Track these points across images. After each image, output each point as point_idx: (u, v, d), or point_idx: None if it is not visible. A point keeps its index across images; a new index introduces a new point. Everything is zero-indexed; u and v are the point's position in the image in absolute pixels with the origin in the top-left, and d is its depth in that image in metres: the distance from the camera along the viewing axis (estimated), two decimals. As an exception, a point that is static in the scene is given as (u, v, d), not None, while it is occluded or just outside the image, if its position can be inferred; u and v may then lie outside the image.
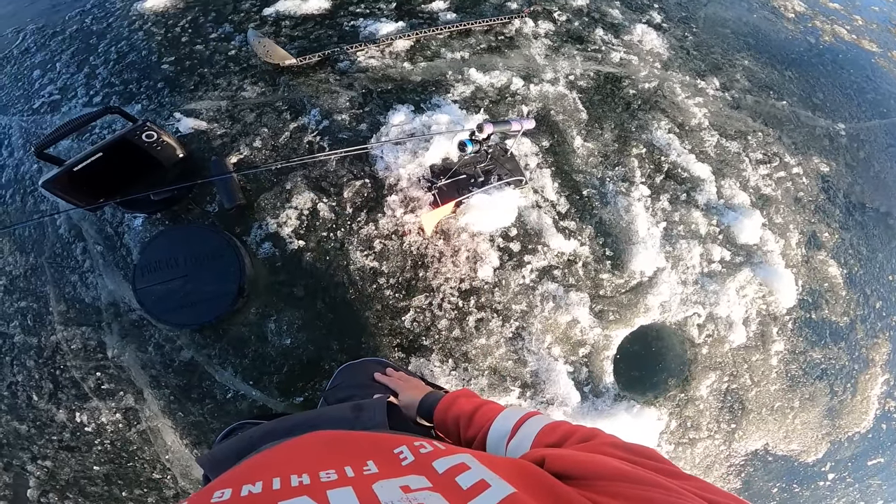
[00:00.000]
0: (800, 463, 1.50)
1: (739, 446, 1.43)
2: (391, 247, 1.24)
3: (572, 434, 0.42)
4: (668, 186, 1.37)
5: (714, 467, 1.43)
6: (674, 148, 1.39)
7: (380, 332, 1.24)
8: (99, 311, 1.33)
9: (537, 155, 1.33)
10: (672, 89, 1.52)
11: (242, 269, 1.19)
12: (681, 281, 1.31)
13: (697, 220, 1.35)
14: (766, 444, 1.46)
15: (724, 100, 1.56)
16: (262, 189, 1.28)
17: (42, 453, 1.32)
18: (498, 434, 0.49)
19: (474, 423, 0.53)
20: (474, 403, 0.56)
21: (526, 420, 0.48)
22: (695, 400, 1.36)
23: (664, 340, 1.34)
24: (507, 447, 0.47)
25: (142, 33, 1.49)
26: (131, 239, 1.32)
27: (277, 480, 0.25)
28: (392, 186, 1.26)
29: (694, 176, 1.39)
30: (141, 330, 1.31)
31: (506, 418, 0.50)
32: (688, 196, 1.37)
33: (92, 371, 1.32)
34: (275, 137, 1.31)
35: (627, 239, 1.28)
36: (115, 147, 1.08)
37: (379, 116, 1.33)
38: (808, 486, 1.53)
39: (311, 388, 1.25)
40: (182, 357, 1.29)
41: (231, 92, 1.36)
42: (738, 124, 1.52)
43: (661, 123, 1.43)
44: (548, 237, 1.25)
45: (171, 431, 1.30)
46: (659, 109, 1.46)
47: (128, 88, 1.40)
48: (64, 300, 1.35)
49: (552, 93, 1.41)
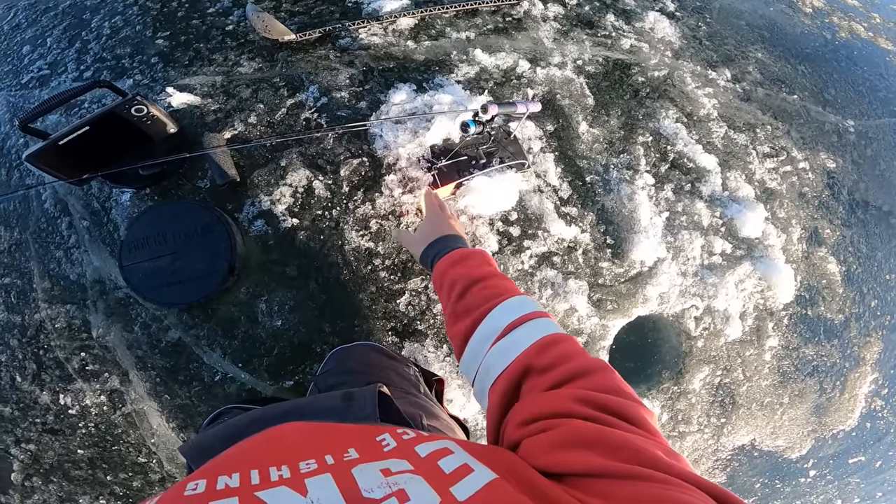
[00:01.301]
0: (784, 459, 1.45)
1: (727, 441, 1.37)
2: (388, 227, 1.15)
3: (562, 363, 0.34)
4: (673, 176, 1.28)
5: (701, 461, 1.37)
6: (681, 137, 1.31)
7: (374, 315, 1.15)
8: (84, 289, 1.23)
9: (541, 139, 1.24)
10: (682, 78, 1.42)
11: (233, 246, 1.09)
12: (681, 272, 1.23)
13: (700, 211, 1.27)
14: (753, 439, 1.40)
15: (735, 91, 1.47)
16: (255, 165, 1.18)
17: (25, 436, 1.23)
18: (488, 330, 0.40)
19: (473, 294, 0.43)
20: (486, 270, 0.45)
21: (525, 322, 0.39)
22: (687, 393, 1.30)
23: (660, 332, 1.27)
24: (490, 350, 0.39)
25: (137, 8, 1.36)
26: (118, 214, 1.22)
27: (256, 473, 0.23)
28: (391, 166, 1.16)
29: (699, 167, 1.30)
30: (127, 308, 1.21)
31: (505, 311, 0.41)
32: (692, 186, 1.29)
33: (76, 351, 1.23)
34: (271, 113, 1.20)
35: (629, 228, 1.20)
36: (103, 121, 0.98)
37: (379, 95, 1.23)
38: (790, 482, 1.49)
39: (301, 372, 1.17)
40: (169, 337, 1.20)
41: (227, 67, 1.25)
42: (748, 116, 1.44)
43: (669, 112, 1.34)
44: (548, 223, 1.16)
45: (157, 414, 1.21)
46: (668, 98, 1.37)
47: (120, 63, 1.29)
48: (48, 277, 1.25)
49: (559, 77, 1.31)
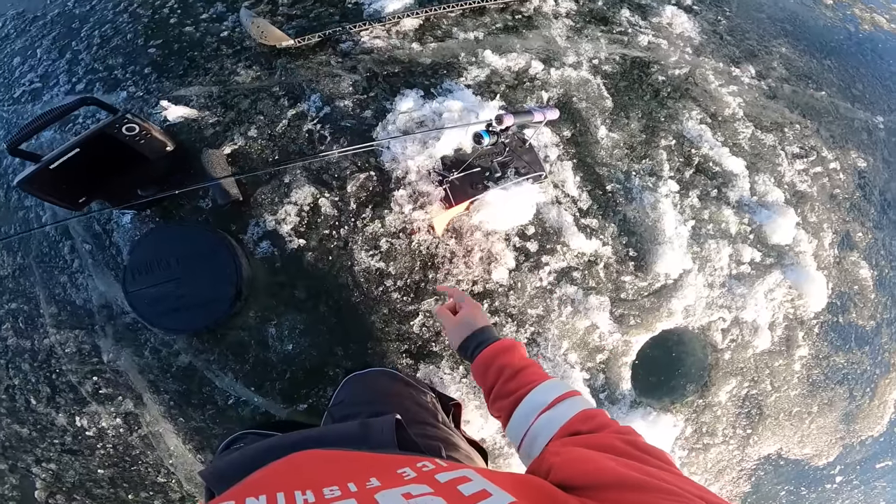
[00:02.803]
0: (810, 466, 1.34)
1: (753, 451, 1.26)
2: (399, 246, 1.03)
3: (605, 428, 0.39)
4: (698, 181, 1.14)
5: (725, 472, 1.26)
6: (705, 140, 1.16)
7: (387, 337, 1.04)
8: (91, 314, 1.13)
9: (558, 146, 1.10)
10: (705, 76, 1.26)
11: (239, 270, 0.98)
12: (707, 284, 1.10)
13: (728, 218, 1.13)
14: (779, 448, 1.29)
15: (760, 89, 1.31)
16: (258, 182, 1.05)
17: (45, 456, 1.15)
18: (535, 402, 0.46)
19: (518, 379, 0.49)
20: (525, 361, 0.52)
21: (567, 398, 0.45)
22: (713, 406, 1.18)
23: (685, 345, 1.15)
24: (539, 418, 0.44)
25: (127, 15, 1.23)
26: (120, 237, 1.11)
27: (282, 496, 0.23)
28: (399, 180, 1.03)
29: (726, 170, 1.15)
30: (136, 334, 1.11)
31: (548, 389, 0.47)
32: (719, 192, 1.14)
33: (88, 375, 1.14)
34: (271, 126, 1.07)
35: (653, 238, 1.07)
36: (95, 141, 0.86)
37: (385, 102, 1.09)
38: (816, 488, 1.37)
39: (315, 395, 1.07)
40: (180, 362, 1.10)
41: (223, 77, 1.11)
42: (775, 115, 1.27)
43: (692, 113, 1.18)
44: (568, 236, 1.03)
45: (174, 436, 1.12)
46: (690, 98, 1.21)
47: (112, 74, 1.16)
48: (54, 302, 1.15)
49: (574, 78, 1.16)
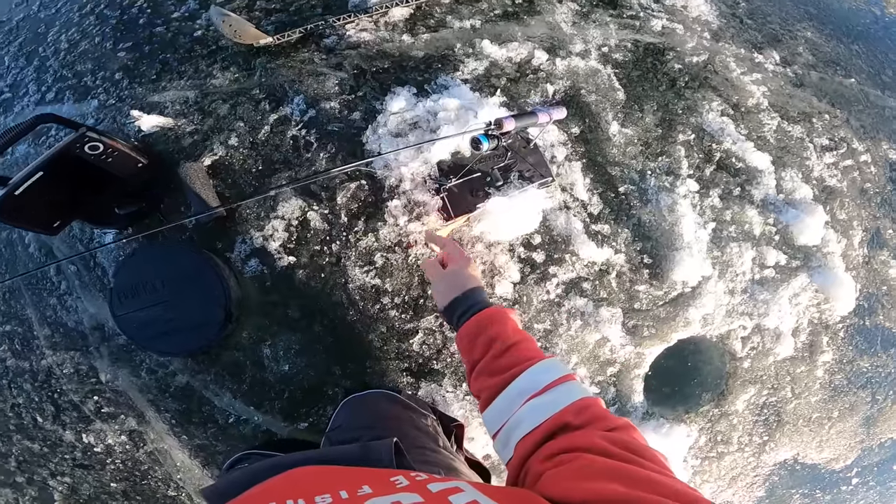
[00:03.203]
0: (827, 470, 1.27)
1: (769, 458, 1.19)
2: (395, 261, 0.94)
3: (598, 421, 0.35)
4: (720, 179, 1.02)
5: (739, 479, 1.20)
6: (728, 133, 1.03)
7: (386, 356, 0.97)
8: (84, 336, 1.08)
9: (566, 145, 0.98)
10: (725, 64, 1.11)
11: (227, 292, 0.91)
12: (728, 290, 1.00)
13: (752, 218, 1.02)
14: (796, 454, 1.22)
15: (786, 76, 1.16)
16: (242, 196, 0.96)
17: (59, 470, 1.14)
18: (524, 385, 0.41)
19: (508, 355, 0.44)
20: (519, 334, 0.46)
21: (561, 383, 0.40)
22: (729, 415, 1.11)
23: (702, 354, 1.06)
24: (525, 405, 0.40)
25: (93, 17, 1.11)
26: (105, 257, 1.04)
27: None
28: (393, 189, 0.94)
29: (750, 166, 1.03)
30: (131, 354, 1.06)
31: (542, 371, 0.42)
32: (742, 190, 1.02)
33: (89, 395, 1.10)
34: (253, 133, 0.97)
35: (669, 244, 0.96)
36: (57, 163, 0.77)
37: (375, 102, 0.98)
38: (831, 490, 1.31)
39: (315, 414, 1.02)
40: (177, 382, 1.05)
41: (199, 80, 1.00)
42: (802, 105, 1.13)
43: (712, 104, 1.05)
44: (577, 244, 0.94)
45: (180, 452, 1.09)
46: (710, 87, 1.07)
47: (82, 82, 1.05)
48: (47, 324, 1.10)
49: (582, 68, 1.03)
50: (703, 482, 1.17)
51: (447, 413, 0.98)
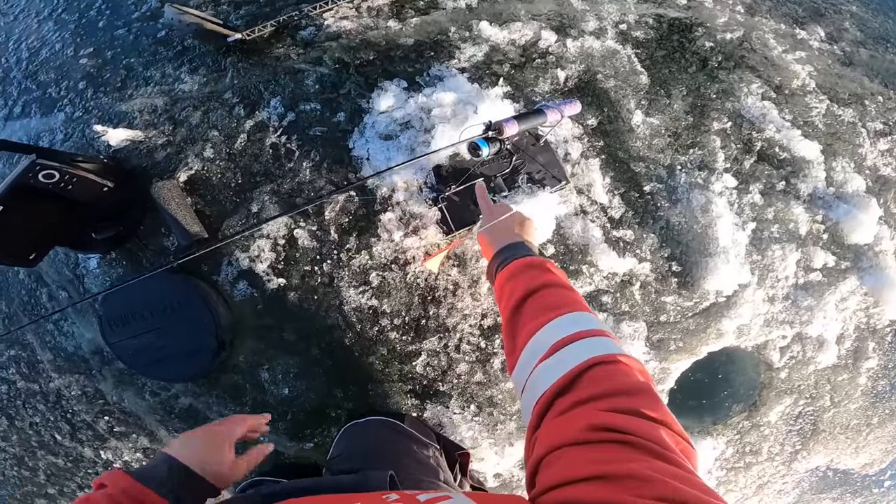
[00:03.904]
0: (859, 475, 1.16)
1: (800, 466, 1.08)
2: (392, 279, 0.83)
3: (610, 396, 0.28)
4: (761, 173, 0.85)
5: (767, 486, 1.10)
6: (770, 120, 0.85)
7: (388, 378, 0.88)
8: (86, 360, 1.03)
9: (581, 139, 0.82)
10: (763, 41, 0.91)
11: (216, 319, 0.82)
12: (767, 298, 0.86)
13: (798, 216, 0.85)
14: (830, 461, 1.10)
15: (833, 54, 0.95)
16: (223, 213, 0.85)
17: (86, 483, 1.13)
18: (538, 346, 0.35)
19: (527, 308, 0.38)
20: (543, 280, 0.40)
21: (576, 340, 0.33)
22: (760, 426, 0.99)
23: (735, 364, 0.94)
24: (537, 366, 0.34)
25: (52, 23, 0.97)
26: (92, 283, 0.96)
27: None
28: (386, 200, 0.81)
29: (796, 157, 0.85)
30: (133, 377, 1.00)
31: (556, 328, 0.35)
32: (787, 184, 0.85)
33: (99, 415, 1.06)
34: (229, 142, 0.84)
35: (702, 249, 0.81)
36: (15, 195, 0.67)
37: (360, 100, 0.83)
38: (862, 493, 1.20)
39: (319, 435, 0.95)
40: (181, 404, 0.99)
41: (167, 86, 0.87)
42: (853, 86, 0.93)
43: (751, 87, 0.86)
44: (596, 254, 0.80)
45: None
46: (747, 67, 0.88)
47: (47, 93, 0.94)
48: (48, 349, 1.05)
49: (598, 49, 0.85)
50: (728, 491, 1.07)
51: (455, 437, 0.90)
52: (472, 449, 0.90)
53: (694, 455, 0.26)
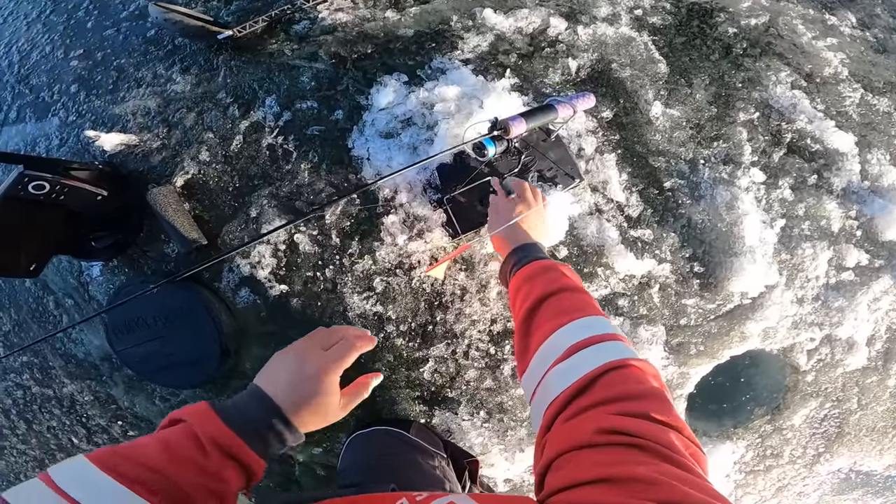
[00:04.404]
0: (882, 475, 1.08)
1: (822, 468, 1.01)
2: (397, 285, 0.77)
3: (621, 400, 0.28)
4: (791, 166, 0.77)
5: (786, 489, 1.04)
6: (801, 110, 0.76)
7: (395, 384, 0.83)
8: (96, 366, 1.01)
9: (595, 133, 0.75)
10: (791, 27, 0.82)
11: (219, 327, 0.79)
12: (796, 299, 0.78)
13: (830, 212, 0.77)
14: (853, 463, 1.03)
15: (865, 41, 0.85)
16: (222, 218, 0.81)
17: None
18: (551, 349, 0.34)
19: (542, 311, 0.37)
20: (559, 284, 0.38)
21: (592, 345, 0.32)
22: (783, 430, 0.92)
23: (759, 367, 0.87)
24: (550, 371, 0.33)
25: (41, 25, 0.93)
26: (96, 290, 0.93)
27: None
28: (388, 202, 0.75)
29: (829, 149, 0.77)
30: (142, 383, 0.98)
31: (571, 331, 0.34)
32: (819, 178, 0.77)
33: (113, 420, 1.05)
34: (224, 144, 0.79)
35: (727, 248, 0.74)
36: (8, 206, 0.63)
37: (359, 97, 0.77)
38: (884, 493, 1.13)
39: (328, 440, 0.92)
40: (189, 409, 0.96)
41: (159, 87, 0.82)
42: (887, 73, 0.83)
43: (780, 75, 0.77)
44: (612, 256, 0.73)
45: None
46: (775, 55, 0.79)
47: (40, 97, 0.89)
48: (59, 355, 1.03)
49: (611, 37, 0.77)
50: (746, 494, 1.01)
51: (464, 443, 0.85)
52: (481, 455, 0.86)
53: (704, 460, 0.25)
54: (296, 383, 0.32)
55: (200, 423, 0.28)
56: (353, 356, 0.37)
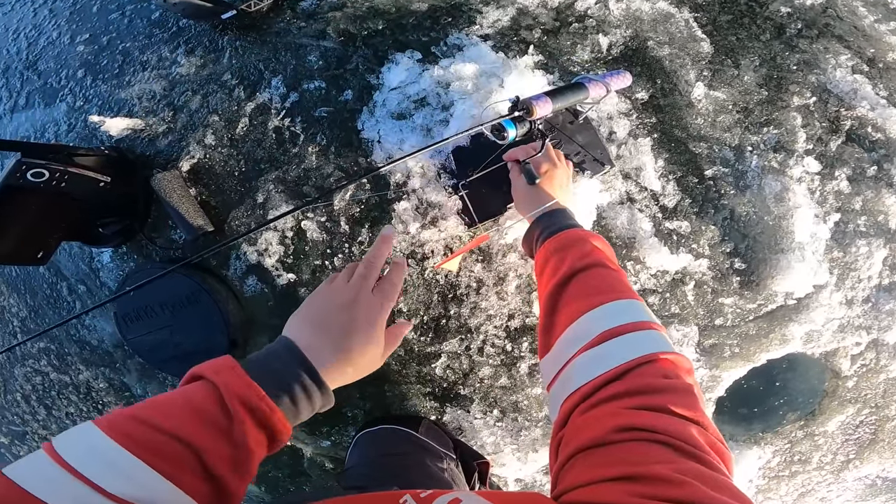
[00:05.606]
0: (912, 481, 0.97)
1: (850, 475, 0.91)
2: (408, 275, 0.69)
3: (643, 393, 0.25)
4: (850, 156, 0.65)
5: (809, 494, 0.94)
6: (863, 96, 0.64)
7: (405, 380, 0.76)
8: (109, 353, 0.96)
9: (629, 115, 0.64)
10: (851, 8, 0.69)
11: (226, 317, 0.72)
12: (845, 301, 0.68)
13: (889, 207, 0.66)
14: (882, 469, 0.93)
15: None
16: (229, 204, 0.73)
17: None
18: (581, 331, 0.30)
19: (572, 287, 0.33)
20: (593, 258, 0.34)
21: (626, 333, 0.29)
22: (815, 435, 0.82)
23: (796, 371, 0.76)
24: (576, 357, 0.29)
25: (47, 11, 0.85)
26: (107, 276, 0.87)
27: None
28: (399, 187, 0.66)
29: (892, 138, 0.65)
30: (154, 371, 0.93)
31: (604, 316, 0.30)
32: (879, 170, 0.65)
33: None
34: (230, 127, 0.71)
35: (773, 244, 0.64)
36: (8, 194, 0.57)
37: (369, 76, 0.68)
38: (910, 497, 1.02)
39: (336, 434, 0.85)
40: (199, 398, 0.90)
41: (164, 70, 0.74)
42: None
43: (839, 59, 0.65)
44: (644, 249, 0.63)
45: None
46: (833, 37, 0.66)
47: (47, 83, 0.83)
48: (73, 342, 0.98)
49: (647, 12, 0.66)
50: (767, 499, 0.92)
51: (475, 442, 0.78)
52: (492, 455, 0.78)
53: (729, 457, 0.23)
54: (347, 331, 0.28)
55: (224, 380, 0.25)
56: (398, 292, 0.33)
